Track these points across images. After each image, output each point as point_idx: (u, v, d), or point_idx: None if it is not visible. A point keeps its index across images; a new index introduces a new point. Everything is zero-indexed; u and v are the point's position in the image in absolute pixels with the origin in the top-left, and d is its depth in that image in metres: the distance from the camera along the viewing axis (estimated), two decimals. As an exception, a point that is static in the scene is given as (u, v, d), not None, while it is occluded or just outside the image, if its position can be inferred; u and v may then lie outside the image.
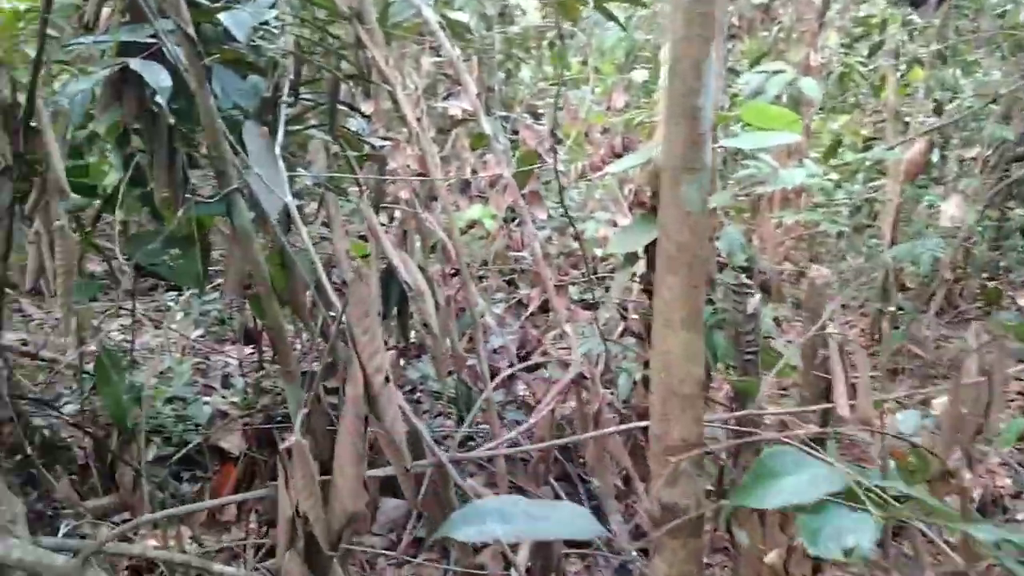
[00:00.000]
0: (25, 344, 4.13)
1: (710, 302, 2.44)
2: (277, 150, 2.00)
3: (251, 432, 3.35)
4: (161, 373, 4.21)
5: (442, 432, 3.04)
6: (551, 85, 6.96)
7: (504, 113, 6.39)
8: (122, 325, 4.95)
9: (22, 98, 2.04)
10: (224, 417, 3.54)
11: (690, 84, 1.46)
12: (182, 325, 5.02)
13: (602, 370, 2.86)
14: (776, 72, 4.77)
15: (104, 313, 4.54)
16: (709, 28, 1.49)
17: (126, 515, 2.85)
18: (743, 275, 2.58)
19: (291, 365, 1.95)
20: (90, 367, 3.06)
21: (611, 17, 2.69)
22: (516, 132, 5.87)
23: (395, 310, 2.36)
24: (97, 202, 2.93)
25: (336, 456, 1.35)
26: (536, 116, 6.80)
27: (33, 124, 1.98)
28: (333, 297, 1.82)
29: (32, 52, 3.03)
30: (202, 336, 4.96)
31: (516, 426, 3.08)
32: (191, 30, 1.80)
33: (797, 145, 4.72)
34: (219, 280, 4.51)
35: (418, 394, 3.61)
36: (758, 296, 2.09)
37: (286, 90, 2.30)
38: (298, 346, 3.45)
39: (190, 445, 3.32)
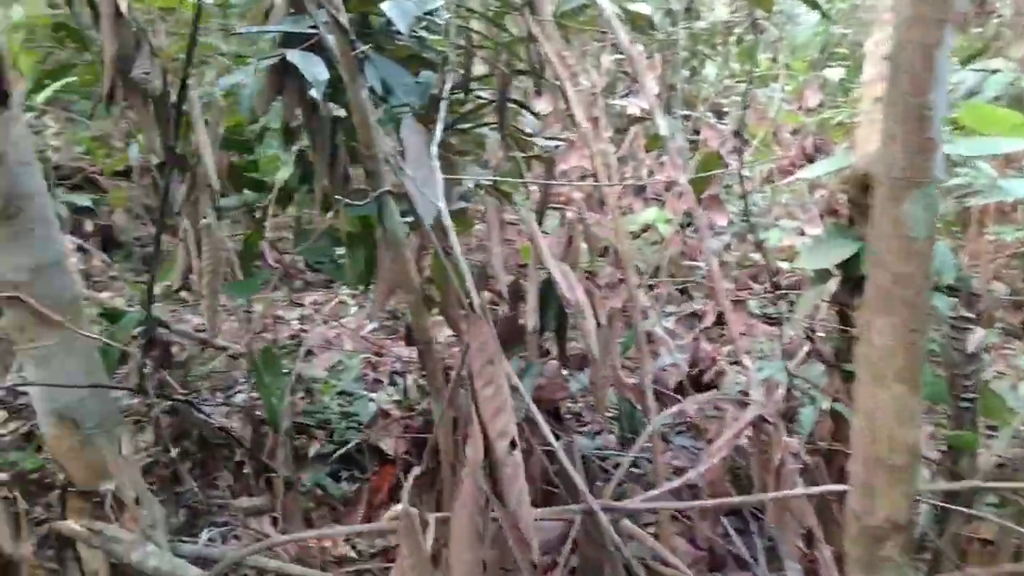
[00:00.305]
0: (202, 331, 4.21)
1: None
2: (433, 150, 1.81)
3: (409, 435, 3.22)
4: (333, 367, 4.19)
5: (602, 453, 2.79)
6: (738, 82, 6.53)
7: (686, 112, 6.06)
8: (302, 316, 5.00)
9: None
10: (386, 417, 3.44)
11: (918, 76, 1.14)
12: (356, 319, 5.01)
13: (783, 397, 2.53)
14: (994, 71, 4.22)
15: (278, 304, 4.59)
16: (944, 8, 1.16)
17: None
18: (955, 299, 2.19)
19: (438, 382, 1.77)
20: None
21: (814, 5, 2.35)
22: (697, 132, 5.53)
23: (554, 325, 2.14)
24: (268, 196, 2.87)
25: (452, 536, 1.13)
26: (720, 115, 6.41)
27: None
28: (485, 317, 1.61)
29: (217, 44, 3.02)
30: (376, 331, 4.92)
31: (684, 453, 2.79)
32: (343, 18, 1.63)
33: (1017, 152, 4.15)
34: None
35: (579, 404, 3.38)
36: (981, 332, 1.72)
37: (448, 87, 2.12)
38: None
39: (350, 444, 3.23)
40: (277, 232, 3.68)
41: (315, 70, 1.87)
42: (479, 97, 2.75)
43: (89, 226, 5.72)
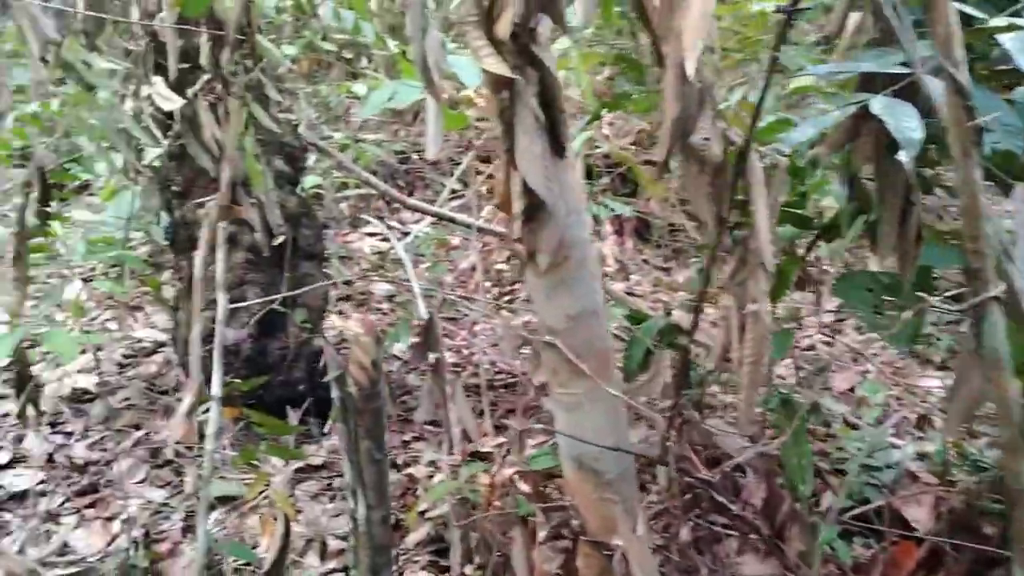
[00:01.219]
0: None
1: None
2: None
3: (944, 511, 2.63)
4: (851, 390, 3.69)
5: None
6: None
7: None
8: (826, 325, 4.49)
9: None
10: (913, 480, 2.84)
11: None
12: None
13: None
14: None
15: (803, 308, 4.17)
16: None
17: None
18: None
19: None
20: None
21: None
22: None
23: None
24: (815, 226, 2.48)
25: None
26: None
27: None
28: None
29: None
30: (905, 355, 4.18)
31: None
32: (963, 75, 1.17)
33: None
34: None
35: None
36: None
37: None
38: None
39: (869, 505, 2.71)
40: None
41: (906, 126, 1.42)
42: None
43: (627, 211, 5.85)
